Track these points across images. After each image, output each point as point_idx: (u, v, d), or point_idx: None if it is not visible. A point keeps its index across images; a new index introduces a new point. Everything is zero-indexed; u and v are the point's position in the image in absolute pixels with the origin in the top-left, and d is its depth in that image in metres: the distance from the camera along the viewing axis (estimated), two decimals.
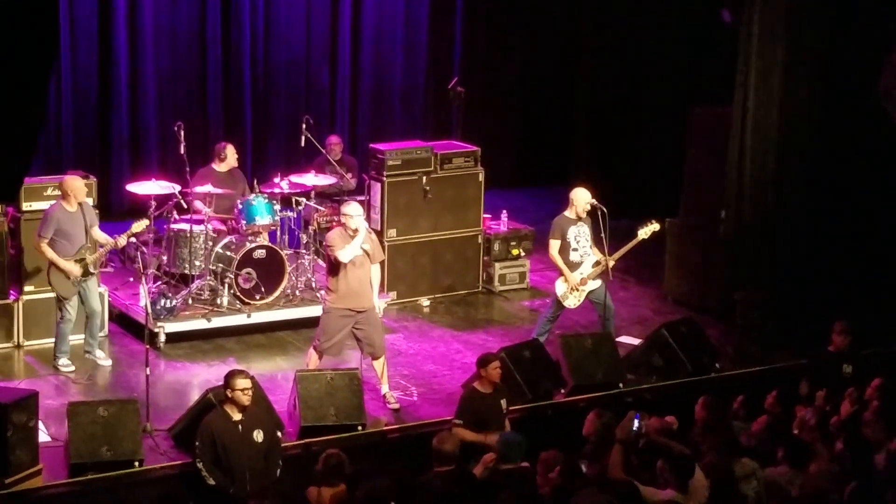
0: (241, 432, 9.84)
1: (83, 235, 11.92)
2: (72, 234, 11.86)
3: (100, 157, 16.01)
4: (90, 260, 11.88)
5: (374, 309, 11.62)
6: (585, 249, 12.54)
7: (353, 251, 11.32)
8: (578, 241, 12.53)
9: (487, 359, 10.88)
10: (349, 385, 11.21)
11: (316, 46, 17.15)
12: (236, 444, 9.80)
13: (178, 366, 12.54)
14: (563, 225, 12.54)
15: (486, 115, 17.90)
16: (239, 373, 10.07)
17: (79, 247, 11.87)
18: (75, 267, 11.82)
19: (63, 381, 11.88)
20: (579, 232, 12.53)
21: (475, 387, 10.84)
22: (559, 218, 12.66)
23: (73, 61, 15.75)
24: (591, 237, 12.53)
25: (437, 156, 14.42)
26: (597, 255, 12.51)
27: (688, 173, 14.78)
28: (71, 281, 11.84)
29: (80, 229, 11.90)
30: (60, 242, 11.84)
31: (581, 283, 12.49)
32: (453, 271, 14.51)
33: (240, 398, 9.86)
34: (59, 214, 11.89)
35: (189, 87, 16.50)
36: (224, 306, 13.12)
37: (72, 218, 11.90)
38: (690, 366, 12.44)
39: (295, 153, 14.99)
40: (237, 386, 9.87)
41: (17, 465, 9.90)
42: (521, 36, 18.45)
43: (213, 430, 9.81)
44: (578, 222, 12.52)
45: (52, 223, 11.84)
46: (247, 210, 13.24)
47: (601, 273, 12.52)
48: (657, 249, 15.06)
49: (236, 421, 9.86)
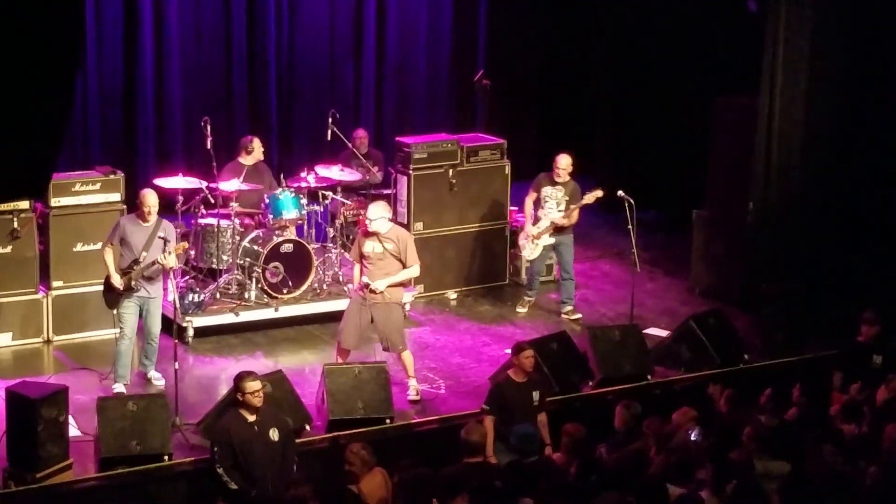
0: (257, 433, 9.81)
1: (144, 249, 11.46)
2: (133, 247, 11.49)
3: (126, 153, 16.04)
4: (134, 275, 11.45)
5: (388, 304, 11.57)
6: (550, 210, 13.44)
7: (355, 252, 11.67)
8: (547, 202, 13.46)
9: (521, 346, 10.91)
10: (377, 378, 11.23)
11: (341, 40, 17.16)
12: (254, 445, 9.77)
13: (206, 360, 12.58)
14: (541, 182, 13.56)
15: (510, 107, 17.89)
16: (248, 375, 10.01)
17: (132, 260, 11.49)
18: (119, 279, 11.47)
19: (92, 376, 11.91)
20: (551, 193, 13.45)
21: (509, 374, 10.85)
22: (542, 174, 13.67)
23: (100, 57, 15.79)
24: (567, 202, 13.43)
25: (464, 149, 14.41)
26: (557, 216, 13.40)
27: (713, 164, 14.73)
28: (115, 293, 11.51)
29: (142, 243, 11.47)
30: (124, 253, 11.56)
31: (536, 237, 13.49)
32: (480, 264, 14.50)
33: (251, 401, 9.82)
34: (125, 224, 11.62)
35: (215, 83, 16.53)
36: (252, 300, 13.15)
37: (139, 231, 11.53)
38: (718, 358, 12.41)
39: (321, 147, 15.00)
40: (248, 389, 9.83)
41: (47, 459, 9.95)
42: (545, 27, 18.41)
43: (231, 434, 9.78)
44: (556, 185, 13.44)
45: (117, 231, 11.60)
46: (274, 204, 13.27)
47: (557, 231, 13.45)
48: (684, 241, 15.05)
49: (251, 422, 9.83)
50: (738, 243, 14.15)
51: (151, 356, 11.78)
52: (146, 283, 11.51)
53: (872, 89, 13.78)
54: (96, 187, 12.89)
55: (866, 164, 13.88)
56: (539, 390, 10.83)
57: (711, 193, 14.74)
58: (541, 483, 8.78)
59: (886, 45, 13.73)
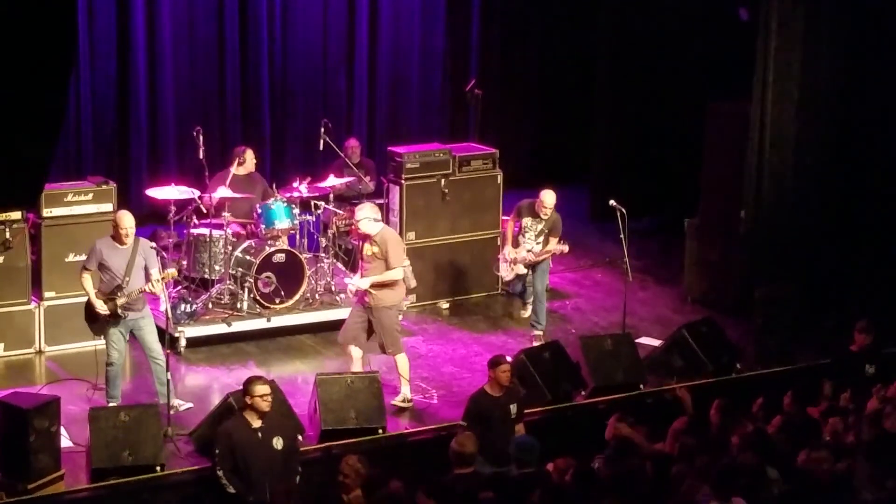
0: (260, 439, 9.80)
1: (126, 274, 11.10)
2: (113, 271, 11.11)
3: (119, 163, 16.06)
4: (120, 302, 11.06)
5: (378, 307, 11.60)
6: (529, 240, 13.38)
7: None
8: (526, 233, 13.41)
9: (497, 360, 10.82)
10: (369, 388, 11.23)
11: (333, 50, 17.18)
12: (256, 451, 9.76)
13: (198, 370, 12.57)
14: (523, 210, 13.49)
15: (503, 116, 17.93)
16: (258, 379, 10.01)
17: (115, 286, 11.14)
18: (103, 305, 11.08)
19: (84, 387, 11.89)
20: (531, 225, 13.39)
21: (484, 388, 10.78)
22: (526, 202, 13.52)
23: (92, 67, 15.80)
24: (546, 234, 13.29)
25: (456, 158, 14.42)
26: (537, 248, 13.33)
27: (706, 172, 14.74)
28: (100, 321, 11.16)
29: (123, 267, 11.10)
30: (103, 278, 11.19)
31: (512, 262, 13.47)
32: (472, 274, 14.51)
33: (259, 404, 9.80)
34: (102, 247, 11.18)
35: (207, 92, 16.53)
36: (244, 310, 13.15)
37: (118, 254, 11.14)
38: (711, 366, 12.41)
39: (313, 157, 15.01)
40: (257, 392, 9.81)
41: (39, 470, 9.94)
42: (538, 36, 18.46)
43: (233, 438, 9.77)
44: (536, 217, 13.34)
45: (94, 255, 11.16)
46: (266, 214, 13.27)
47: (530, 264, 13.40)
48: (676, 249, 15.06)
49: (256, 428, 9.81)
50: (731, 251, 14.17)
51: (162, 375, 11.15)
52: (131, 307, 11.15)
53: (864, 97, 13.82)
54: (88, 197, 12.89)
55: (859, 171, 13.93)
56: (516, 402, 10.79)
57: (704, 201, 14.76)
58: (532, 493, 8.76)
59: (877, 52, 13.78)
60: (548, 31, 18.40)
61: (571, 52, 18.30)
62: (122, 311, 11.12)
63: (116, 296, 11.09)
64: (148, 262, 11.19)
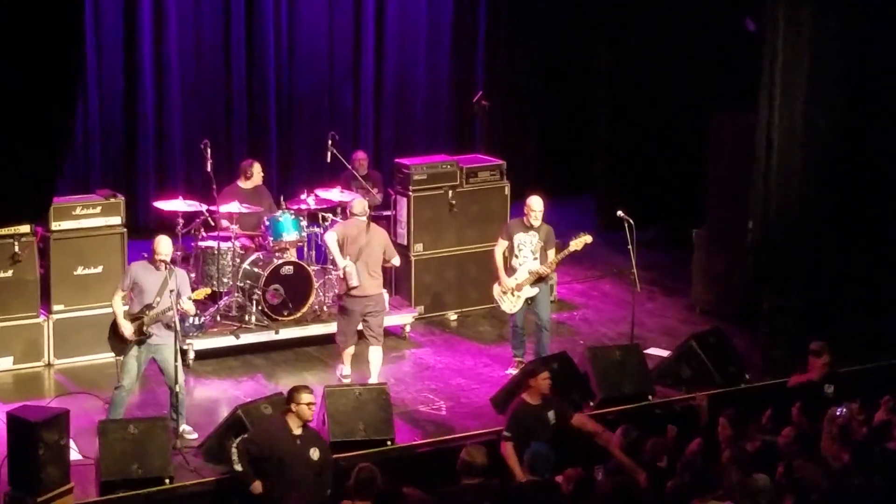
0: (299, 447, 9.90)
1: (157, 295, 11.03)
2: (147, 292, 11.04)
3: (127, 176, 16.10)
4: (147, 320, 10.98)
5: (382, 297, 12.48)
6: (526, 258, 12.54)
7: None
8: (521, 250, 12.56)
9: (536, 369, 10.85)
10: (377, 400, 11.23)
11: (339, 62, 17.22)
12: (293, 457, 9.84)
13: (207, 382, 12.59)
14: (513, 228, 12.65)
15: (508, 127, 17.95)
16: (304, 387, 10.14)
17: (144, 305, 11.05)
18: (129, 326, 11.04)
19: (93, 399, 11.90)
20: (525, 240, 12.54)
21: (524, 398, 10.79)
22: (512, 221, 12.90)
23: (100, 81, 15.85)
24: (543, 248, 12.51)
25: (463, 170, 14.44)
26: (534, 266, 12.49)
27: (712, 182, 14.75)
28: (124, 341, 11.07)
29: (156, 289, 11.02)
30: (135, 298, 11.11)
31: (516, 289, 12.54)
32: (480, 285, 14.49)
33: (304, 412, 9.94)
34: (137, 269, 11.19)
35: (214, 105, 16.58)
36: (252, 323, 13.16)
37: (153, 276, 11.07)
38: (719, 377, 12.40)
39: (320, 169, 15.03)
40: (303, 400, 9.93)
41: (48, 483, 9.94)
42: (543, 48, 18.49)
43: (273, 438, 9.86)
44: (530, 230, 12.53)
45: (128, 275, 11.17)
46: (274, 226, 13.29)
47: (538, 280, 12.53)
48: (684, 259, 15.06)
49: (296, 435, 9.93)
50: (739, 261, 14.16)
51: (181, 408, 11.14)
52: (158, 328, 11.09)
53: (870, 106, 13.80)
54: (97, 211, 12.92)
55: (866, 181, 13.91)
56: (554, 409, 10.80)
57: (711, 211, 14.76)
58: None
59: (884, 61, 13.76)
60: (553, 42, 18.43)
61: (576, 63, 18.31)
62: (147, 330, 11.07)
63: (144, 315, 11.06)
64: (181, 289, 11.13)
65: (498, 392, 12.05)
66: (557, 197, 17.75)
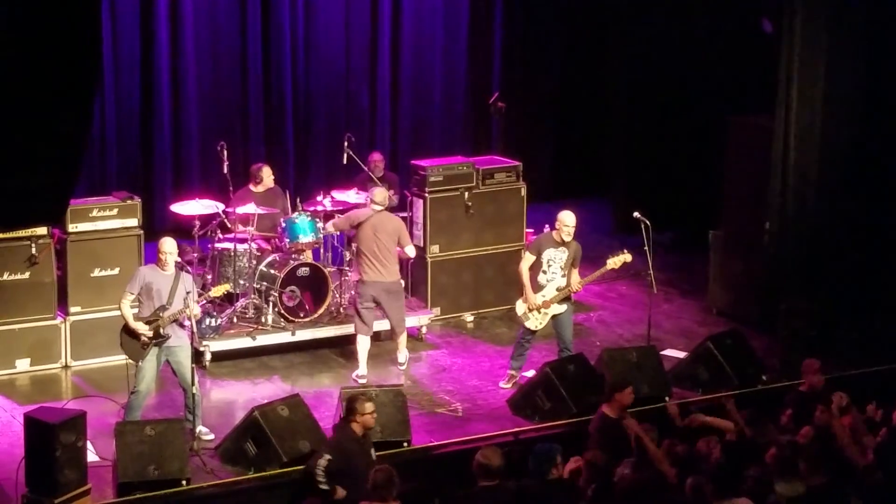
0: (363, 447, 10.18)
1: (169, 297, 11.09)
2: (159, 293, 11.09)
3: (143, 178, 16.13)
4: (163, 322, 11.03)
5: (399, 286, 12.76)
6: (555, 274, 12.28)
7: None
8: (550, 266, 12.28)
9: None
10: (394, 401, 11.24)
11: (355, 64, 17.22)
12: (360, 457, 10.07)
13: (223, 384, 12.61)
14: (543, 244, 12.37)
15: (524, 128, 17.93)
16: (362, 396, 10.39)
17: (158, 307, 11.08)
18: (144, 327, 11.07)
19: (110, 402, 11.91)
20: (555, 256, 12.27)
21: (605, 412, 10.63)
22: (542, 235, 12.63)
23: (117, 83, 15.88)
24: (570, 263, 12.27)
25: (479, 171, 14.44)
26: (563, 282, 12.26)
27: (728, 184, 14.73)
28: (140, 343, 11.09)
29: (167, 291, 11.09)
30: (145, 302, 11.17)
31: (543, 306, 12.27)
32: (496, 286, 14.50)
33: (368, 421, 10.20)
34: (146, 272, 11.24)
35: (231, 107, 16.60)
36: (269, 324, 13.17)
37: (162, 278, 11.13)
38: (737, 379, 12.37)
39: (337, 170, 15.04)
40: (366, 410, 10.17)
41: (65, 484, 9.97)
42: (559, 49, 18.48)
43: (349, 454, 10.05)
44: (560, 246, 12.26)
45: (137, 279, 11.18)
46: (290, 228, 13.30)
47: (565, 298, 12.31)
48: (700, 261, 15.04)
49: (362, 441, 10.21)
50: (755, 263, 14.13)
51: (197, 410, 11.16)
52: (174, 329, 11.11)
53: (888, 108, 13.77)
54: (113, 213, 12.95)
55: (883, 183, 13.87)
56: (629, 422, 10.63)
57: (727, 213, 14.74)
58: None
59: None
60: (570, 44, 18.42)
61: (593, 65, 18.30)
62: (164, 331, 11.08)
63: (159, 316, 11.07)
64: (190, 293, 11.14)
65: (514, 394, 12.05)
66: (573, 198, 17.76)
